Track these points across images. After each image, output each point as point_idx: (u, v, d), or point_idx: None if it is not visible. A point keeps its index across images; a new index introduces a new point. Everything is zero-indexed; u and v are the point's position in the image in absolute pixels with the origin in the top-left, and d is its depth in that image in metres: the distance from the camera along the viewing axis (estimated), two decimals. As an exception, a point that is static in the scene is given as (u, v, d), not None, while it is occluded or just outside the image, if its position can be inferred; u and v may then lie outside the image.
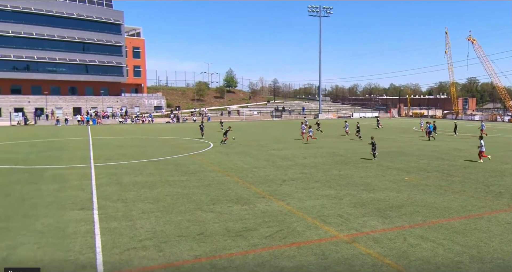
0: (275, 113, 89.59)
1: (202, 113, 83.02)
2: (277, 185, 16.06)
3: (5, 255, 8.78)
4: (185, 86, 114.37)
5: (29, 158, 24.84)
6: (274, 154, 25.66)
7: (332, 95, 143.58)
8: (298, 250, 8.94)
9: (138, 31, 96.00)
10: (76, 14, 77.06)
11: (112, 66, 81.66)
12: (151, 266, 8.16)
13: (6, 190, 15.33)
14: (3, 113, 70.73)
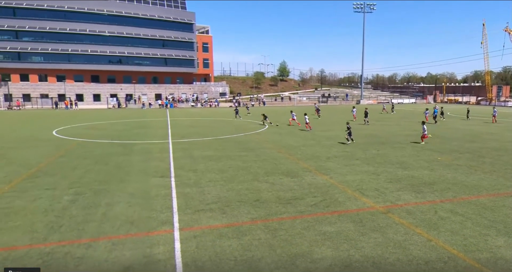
0: (322, 99, 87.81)
1: (259, 99, 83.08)
2: (322, 161, 15.87)
3: (105, 211, 9.44)
4: (245, 76, 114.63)
5: (122, 134, 26.18)
6: (320, 135, 25.28)
7: (373, 83, 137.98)
8: (339, 218, 8.86)
9: (207, 29, 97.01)
10: (157, 16, 79.22)
11: (186, 59, 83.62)
12: (216, 225, 8.45)
13: (106, 160, 16.31)
14: (102, 99, 75.03)
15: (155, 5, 79.85)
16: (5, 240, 7.62)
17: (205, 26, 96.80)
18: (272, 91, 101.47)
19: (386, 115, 45.52)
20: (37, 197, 10.62)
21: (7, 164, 15.43)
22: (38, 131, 28.36)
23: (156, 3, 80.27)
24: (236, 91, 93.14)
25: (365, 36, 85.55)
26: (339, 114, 43.96)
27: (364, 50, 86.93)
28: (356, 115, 37.78)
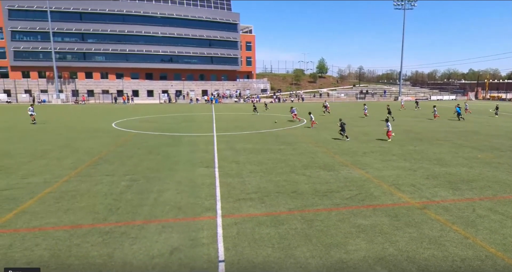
0: (359, 95, 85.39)
1: (298, 95, 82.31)
2: (358, 156, 15.49)
3: (156, 196, 9.84)
4: (285, 73, 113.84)
5: (172, 127, 27.03)
6: (357, 130, 24.64)
7: (411, 80, 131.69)
8: (374, 211, 8.64)
9: (250, 28, 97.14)
10: (205, 17, 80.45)
11: (230, 57, 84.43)
12: (255, 213, 8.54)
13: (157, 150, 16.93)
14: (154, 94, 77.82)
15: (203, 7, 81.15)
16: (72, 219, 8.17)
17: (249, 26, 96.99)
18: (311, 88, 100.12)
19: (411, 112, 43.45)
20: (99, 182, 11.26)
21: (74, 152, 16.47)
22: (100, 123, 29.95)
23: (204, 5, 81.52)
24: (276, 88, 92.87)
25: (405, 33, 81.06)
26: (375, 111, 42.55)
27: (403, 47, 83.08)
28: (367, 113, 36.32)
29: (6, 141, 19.84)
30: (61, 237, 7.20)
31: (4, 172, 12.57)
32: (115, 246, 6.81)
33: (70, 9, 72.12)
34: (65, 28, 72.34)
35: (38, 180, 11.52)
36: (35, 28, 71.29)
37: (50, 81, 74.02)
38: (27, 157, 15.17)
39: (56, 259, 6.30)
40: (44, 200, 9.48)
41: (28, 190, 10.41)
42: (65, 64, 73.83)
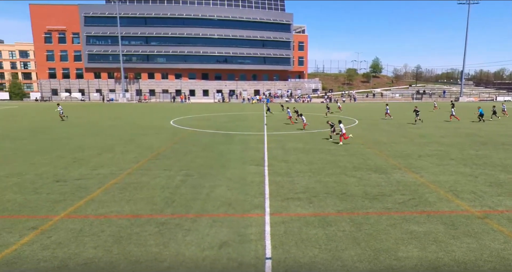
0: (416, 96, 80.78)
1: (350, 95, 79.94)
2: (413, 159, 14.66)
3: (208, 191, 10.13)
4: (337, 73, 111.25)
5: (225, 125, 27.65)
6: (412, 132, 23.34)
7: (475, 79, 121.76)
8: (428, 218, 8.12)
9: (303, 28, 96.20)
10: (259, 18, 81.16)
11: (282, 57, 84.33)
12: (303, 213, 8.45)
13: (211, 148, 17.42)
14: (209, 94, 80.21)
15: (258, 9, 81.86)
16: (133, 209, 8.69)
17: (302, 26, 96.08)
18: (363, 87, 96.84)
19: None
20: (157, 175, 11.86)
21: (136, 147, 17.50)
22: (159, 121, 31.52)
23: (259, 6, 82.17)
24: (328, 88, 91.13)
25: (468, 29, 74.81)
26: (432, 111, 40.02)
27: (466, 44, 76.70)
28: (389, 113, 33.96)
29: (81, 136, 21.63)
30: (123, 225, 7.69)
31: (78, 163, 13.72)
32: (170, 237, 7.12)
33: (137, 14, 76.72)
34: (131, 32, 77.11)
35: (105, 171, 12.41)
36: (106, 33, 76.81)
37: (117, 82, 79.37)
38: (97, 150, 16.42)
39: (118, 245, 6.74)
40: (110, 190, 10.19)
41: (97, 180, 11.26)
42: (130, 66, 78.73)
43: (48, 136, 21.37)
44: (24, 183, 10.94)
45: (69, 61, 79.62)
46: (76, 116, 36.28)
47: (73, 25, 77.03)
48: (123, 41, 75.46)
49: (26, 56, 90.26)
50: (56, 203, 9.09)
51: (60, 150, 16.65)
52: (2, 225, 7.65)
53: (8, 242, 6.79)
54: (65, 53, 79.20)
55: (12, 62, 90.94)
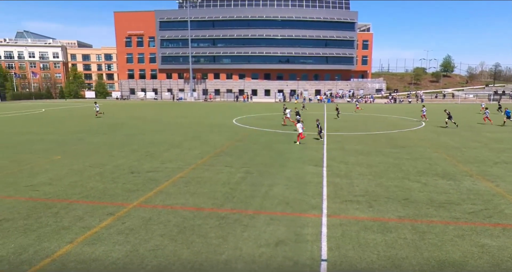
0: (493, 97, 73.01)
1: (417, 95, 74.88)
2: (487, 166, 13.27)
3: (267, 189, 10.21)
4: (403, 72, 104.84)
5: (285, 125, 27.65)
6: (487, 136, 21.15)
7: None
8: (504, 232, 7.30)
9: (368, 26, 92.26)
10: (322, 18, 79.66)
11: (345, 57, 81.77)
12: (362, 217, 8.13)
13: (271, 146, 17.54)
14: (271, 93, 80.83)
15: (321, 8, 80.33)
16: (196, 202, 9.10)
17: (367, 24, 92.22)
18: (432, 87, 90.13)
19: None
20: (219, 171, 12.26)
21: (201, 144, 18.28)
22: (223, 119, 32.54)
23: (322, 5, 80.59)
24: (393, 88, 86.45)
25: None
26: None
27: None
28: (426, 115, 30.63)
29: (153, 132, 23.20)
30: (187, 217, 8.08)
31: (150, 157, 14.73)
32: (229, 231, 7.32)
33: (206, 18, 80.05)
34: (200, 35, 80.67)
35: (173, 165, 13.15)
36: (178, 36, 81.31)
37: (186, 82, 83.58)
38: (166, 146, 17.47)
39: (182, 235, 7.11)
40: (176, 183, 10.77)
41: (165, 173, 11.98)
42: (198, 67, 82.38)
43: (125, 131, 23.24)
44: (104, 173, 12.03)
45: (145, 63, 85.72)
46: (150, 114, 38.94)
47: (149, 29, 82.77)
48: (192, 43, 79.25)
49: (110, 59, 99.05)
50: (130, 192, 9.86)
51: (134, 144, 18.02)
52: (86, 209, 8.50)
53: (90, 225, 7.53)
54: (142, 56, 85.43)
55: (98, 64, 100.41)
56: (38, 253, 6.25)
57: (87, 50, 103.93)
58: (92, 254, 6.23)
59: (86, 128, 24.93)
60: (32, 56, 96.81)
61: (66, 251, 6.35)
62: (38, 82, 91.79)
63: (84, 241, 6.75)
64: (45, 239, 6.82)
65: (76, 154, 15.35)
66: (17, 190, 10.00)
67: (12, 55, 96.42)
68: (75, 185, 10.55)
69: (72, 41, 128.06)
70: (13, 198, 9.25)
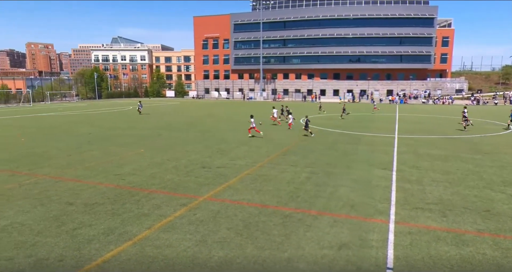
0: None
1: (506, 96, 66.25)
2: None
3: (332, 191, 9.95)
4: (489, 71, 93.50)
5: (351, 126, 26.67)
6: None
7: None
8: None
9: (450, 22, 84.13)
10: (398, 14, 74.70)
11: (421, 55, 75.59)
12: (434, 226, 7.48)
13: (336, 147, 17.08)
14: (340, 93, 78.46)
15: (397, 4, 75.33)
16: (261, 199, 9.24)
17: (448, 19, 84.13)
18: (525, 88, 78.99)
19: None
20: (284, 170, 12.29)
21: (268, 142, 18.50)
22: (290, 118, 32.43)
23: (398, 1, 75.51)
24: (476, 88, 77.73)
25: None
26: None
27: None
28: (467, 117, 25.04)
29: (224, 130, 24.14)
30: (252, 213, 8.25)
31: (221, 153, 15.35)
32: (292, 230, 7.30)
33: (277, 19, 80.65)
34: (271, 36, 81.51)
35: (241, 162, 13.53)
36: (251, 38, 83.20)
37: (256, 82, 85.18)
38: (236, 143, 18.03)
39: (247, 230, 7.28)
40: (244, 180, 11.06)
41: (234, 170, 12.38)
42: (268, 67, 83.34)
43: (199, 128, 24.53)
44: (179, 166, 12.85)
45: (220, 64, 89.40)
46: (221, 112, 40.52)
47: (224, 32, 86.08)
48: (263, 44, 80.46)
49: (188, 61, 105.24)
50: (201, 186, 10.39)
51: (207, 141, 18.92)
52: (163, 199, 9.18)
53: (166, 214, 8.12)
54: (216, 57, 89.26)
55: (178, 66, 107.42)
56: (122, 236, 6.93)
57: (169, 53, 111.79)
58: (167, 241, 6.71)
59: (164, 124, 26.86)
60: (124, 59, 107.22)
61: (145, 235, 6.94)
62: (127, 82, 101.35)
63: (160, 228, 7.30)
64: (128, 223, 7.53)
65: (156, 148, 16.64)
66: (107, 178, 11.19)
67: (108, 59, 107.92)
68: (154, 176, 11.45)
69: (157, 45, 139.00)
70: (104, 185, 10.38)
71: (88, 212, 8.20)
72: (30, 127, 25.30)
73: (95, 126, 25.35)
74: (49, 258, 6.01)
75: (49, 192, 9.63)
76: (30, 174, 11.57)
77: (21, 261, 5.91)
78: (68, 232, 7.06)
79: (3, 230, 7.15)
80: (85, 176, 11.32)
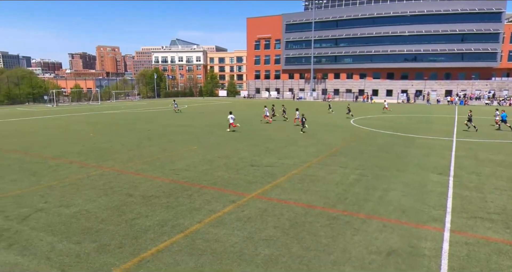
0: None
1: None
2: None
3: (382, 194, 9.53)
4: None
5: (405, 127, 25.26)
6: None
7: None
8: None
9: (521, 17, 75.88)
10: (460, 9, 68.99)
11: (486, 52, 68.92)
12: (495, 238, 6.84)
13: (388, 149, 16.30)
14: (393, 94, 74.65)
15: (460, 0, 69.62)
16: (308, 199, 9.13)
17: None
18: None
19: None
20: (333, 171, 12.01)
21: (317, 143, 18.20)
22: (340, 119, 31.63)
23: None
24: (552, 88, 69.11)
25: None
26: None
27: None
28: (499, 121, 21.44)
29: (272, 129, 24.21)
30: (299, 213, 8.19)
31: (269, 152, 15.42)
32: (339, 232, 7.12)
33: (330, 18, 78.90)
34: (323, 36, 79.94)
35: (289, 162, 13.48)
36: (302, 38, 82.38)
37: (307, 82, 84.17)
38: (283, 143, 18.00)
39: (293, 229, 7.24)
40: (291, 179, 11.01)
41: (282, 169, 12.37)
42: (319, 67, 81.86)
43: (248, 127, 24.85)
44: (230, 164, 13.15)
45: (271, 64, 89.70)
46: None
47: (276, 32, 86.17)
48: (315, 44, 79.21)
49: (241, 61, 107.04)
50: (250, 183, 10.53)
51: (255, 139, 19.11)
52: (213, 194, 9.46)
53: (215, 209, 8.36)
54: (268, 58, 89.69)
55: (231, 66, 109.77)
56: (175, 228, 7.28)
57: (223, 53, 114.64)
58: (215, 235, 6.91)
59: (215, 122, 27.62)
60: (181, 60, 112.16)
61: (196, 229, 7.21)
62: (183, 82, 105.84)
63: (210, 223, 7.54)
64: (181, 216, 7.88)
65: (208, 145, 17.19)
66: (163, 172, 11.81)
67: (166, 60, 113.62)
68: (206, 172, 11.84)
69: (211, 46, 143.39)
70: (160, 179, 10.96)
71: (145, 203, 8.72)
72: (98, 123, 27.53)
73: (153, 124, 26.85)
74: (110, 245, 6.51)
75: (112, 184, 10.42)
76: (96, 166, 12.60)
77: (87, 245, 6.47)
78: (127, 222, 7.58)
79: (73, 216, 7.88)
80: (143, 170, 12.06)
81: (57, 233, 6.96)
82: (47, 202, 8.80)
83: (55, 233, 6.98)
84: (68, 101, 64.12)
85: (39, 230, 7.10)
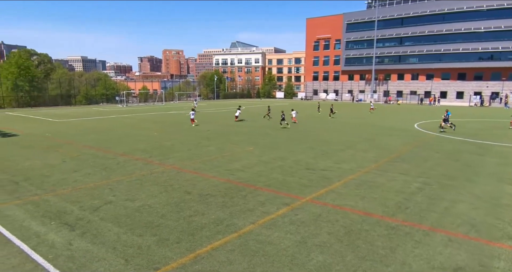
0: None
1: None
2: None
3: (448, 205, 8.81)
4: None
5: (478, 133, 23.01)
6: None
7: None
8: None
9: None
10: (549, 3, 60.92)
11: None
12: None
13: (456, 156, 15.01)
14: (464, 96, 68.35)
15: (550, -10, 61.42)
16: (366, 206, 8.77)
17: None
18: None
19: None
20: (393, 178, 11.38)
21: (375, 147, 17.39)
22: (402, 123, 29.84)
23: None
24: None
25: None
26: None
27: None
28: None
29: (329, 131, 23.66)
30: (355, 220, 7.90)
31: (325, 156, 15.12)
32: (398, 243, 6.73)
33: (394, 15, 74.83)
34: (387, 34, 76.07)
35: (346, 166, 13.07)
36: (363, 37, 79.27)
37: (367, 83, 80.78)
38: (340, 146, 17.50)
39: (348, 237, 7.01)
40: (348, 184, 10.67)
41: (338, 173, 12.04)
42: (381, 67, 78.05)
43: (302, 128, 24.58)
44: (284, 166, 13.14)
45: (329, 65, 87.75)
46: (325, 113, 39.76)
47: (336, 32, 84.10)
48: (377, 43, 75.69)
49: (299, 62, 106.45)
50: (304, 187, 10.42)
51: (310, 142, 18.84)
52: (267, 196, 9.54)
53: (269, 211, 8.42)
54: (327, 58, 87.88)
55: (288, 67, 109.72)
56: (229, 227, 7.48)
57: (281, 55, 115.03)
58: (268, 238, 6.96)
59: (270, 124, 27.77)
60: (240, 62, 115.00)
61: (249, 230, 7.34)
62: (242, 84, 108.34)
63: (263, 224, 7.62)
64: (235, 216, 8.08)
65: (264, 146, 17.36)
66: (220, 172, 12.20)
67: (226, 62, 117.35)
68: (261, 173, 11.98)
69: (270, 48, 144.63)
70: (216, 179, 11.34)
71: (202, 201, 9.10)
72: (162, 122, 29.35)
73: (212, 124, 27.88)
74: (169, 239, 6.90)
75: (172, 181, 11.04)
76: (159, 164, 13.45)
77: (148, 238, 6.95)
78: (185, 218, 7.97)
79: (137, 210, 8.50)
80: (201, 169, 12.58)
81: (122, 225, 7.57)
82: (115, 195, 9.62)
83: (121, 224, 7.61)
84: (136, 102, 69.35)
85: (108, 221, 7.79)
